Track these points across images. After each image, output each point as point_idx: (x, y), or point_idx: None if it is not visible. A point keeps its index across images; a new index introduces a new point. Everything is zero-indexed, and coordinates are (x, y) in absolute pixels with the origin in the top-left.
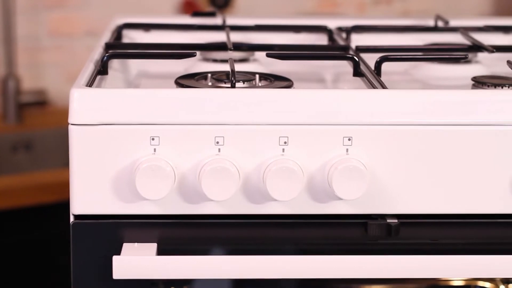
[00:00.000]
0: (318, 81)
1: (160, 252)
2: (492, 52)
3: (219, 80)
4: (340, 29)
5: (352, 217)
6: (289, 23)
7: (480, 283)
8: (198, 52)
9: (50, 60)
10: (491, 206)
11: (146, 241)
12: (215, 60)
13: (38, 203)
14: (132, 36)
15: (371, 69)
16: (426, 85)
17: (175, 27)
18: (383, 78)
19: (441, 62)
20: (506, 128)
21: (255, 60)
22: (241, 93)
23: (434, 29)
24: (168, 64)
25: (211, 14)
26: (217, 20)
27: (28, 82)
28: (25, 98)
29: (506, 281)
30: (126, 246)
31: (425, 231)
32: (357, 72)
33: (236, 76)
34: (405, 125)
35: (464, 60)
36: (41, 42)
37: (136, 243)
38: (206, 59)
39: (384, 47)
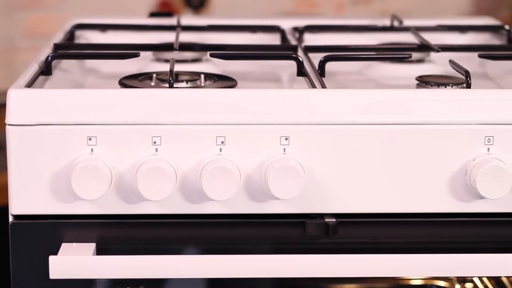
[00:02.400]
0: (274, 81)
1: (99, 252)
2: (438, 51)
3: (163, 80)
4: (295, 29)
5: (291, 216)
6: (244, 23)
7: (437, 283)
8: (151, 53)
9: (26, 61)
10: (430, 206)
11: (85, 241)
12: (166, 61)
13: None
14: (88, 37)
15: (316, 69)
16: (378, 84)
17: (130, 27)
18: (337, 78)
19: (391, 62)
20: (443, 127)
21: (208, 60)
22: (176, 93)
23: (388, 28)
24: (122, 64)
25: (168, 15)
26: (173, 21)
27: (3, 82)
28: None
29: (462, 280)
30: (64, 246)
31: (363, 230)
32: (301, 72)
33: (181, 76)
34: (343, 124)
35: (407, 59)
36: (17, 43)
37: (74, 243)
38: (159, 59)
39: (332, 47)
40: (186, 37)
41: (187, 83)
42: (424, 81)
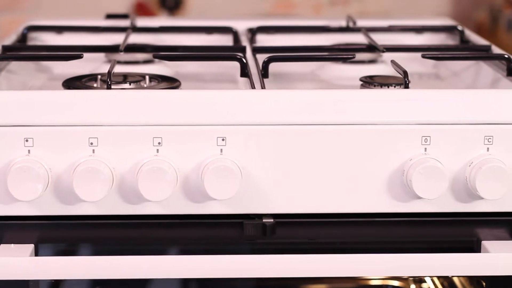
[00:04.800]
0: (229, 81)
1: (39, 253)
2: (383, 51)
3: (105, 82)
4: (250, 30)
5: (229, 217)
6: (198, 24)
7: (393, 283)
8: (103, 54)
9: None
10: (368, 206)
11: (23, 242)
12: (118, 62)
13: None
14: (44, 39)
15: (260, 69)
16: (330, 85)
17: (84, 29)
18: (288, 79)
19: (343, 62)
20: (380, 127)
21: (160, 61)
22: (111, 94)
23: (342, 29)
24: (75, 66)
25: (125, 16)
26: (129, 23)
27: None
28: None
29: (418, 280)
30: (2, 247)
31: (302, 231)
32: (244, 73)
33: (127, 77)
34: (279, 125)
35: (351, 59)
36: None
37: (12, 244)
38: (110, 61)
39: (280, 47)
40: (142, 38)
41: (130, 84)
42: (367, 82)
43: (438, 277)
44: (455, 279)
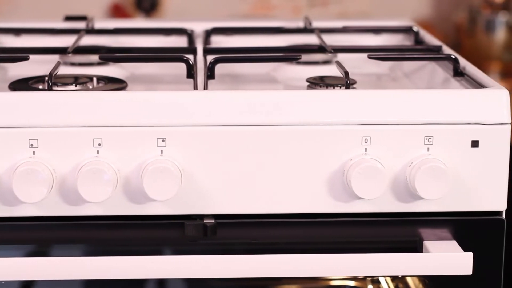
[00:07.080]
0: (185, 83)
1: None
2: (331, 52)
3: (53, 84)
4: (206, 31)
5: (170, 217)
6: (154, 26)
7: (349, 283)
8: (58, 56)
9: None
10: (309, 206)
11: None
12: (73, 64)
13: None
14: (2, 41)
15: (206, 71)
16: (283, 85)
17: (41, 31)
18: (242, 80)
19: (294, 63)
20: (321, 127)
21: (114, 63)
22: (49, 96)
23: (297, 30)
24: (32, 68)
25: (83, 18)
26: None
27: None
28: None
29: (376, 280)
30: None
31: (243, 231)
32: (190, 74)
33: (75, 79)
34: (220, 126)
35: (297, 60)
36: None
37: None
38: (65, 63)
39: (231, 49)
40: (99, 40)
41: (76, 86)
42: (313, 82)
43: (392, 279)
44: (409, 280)
